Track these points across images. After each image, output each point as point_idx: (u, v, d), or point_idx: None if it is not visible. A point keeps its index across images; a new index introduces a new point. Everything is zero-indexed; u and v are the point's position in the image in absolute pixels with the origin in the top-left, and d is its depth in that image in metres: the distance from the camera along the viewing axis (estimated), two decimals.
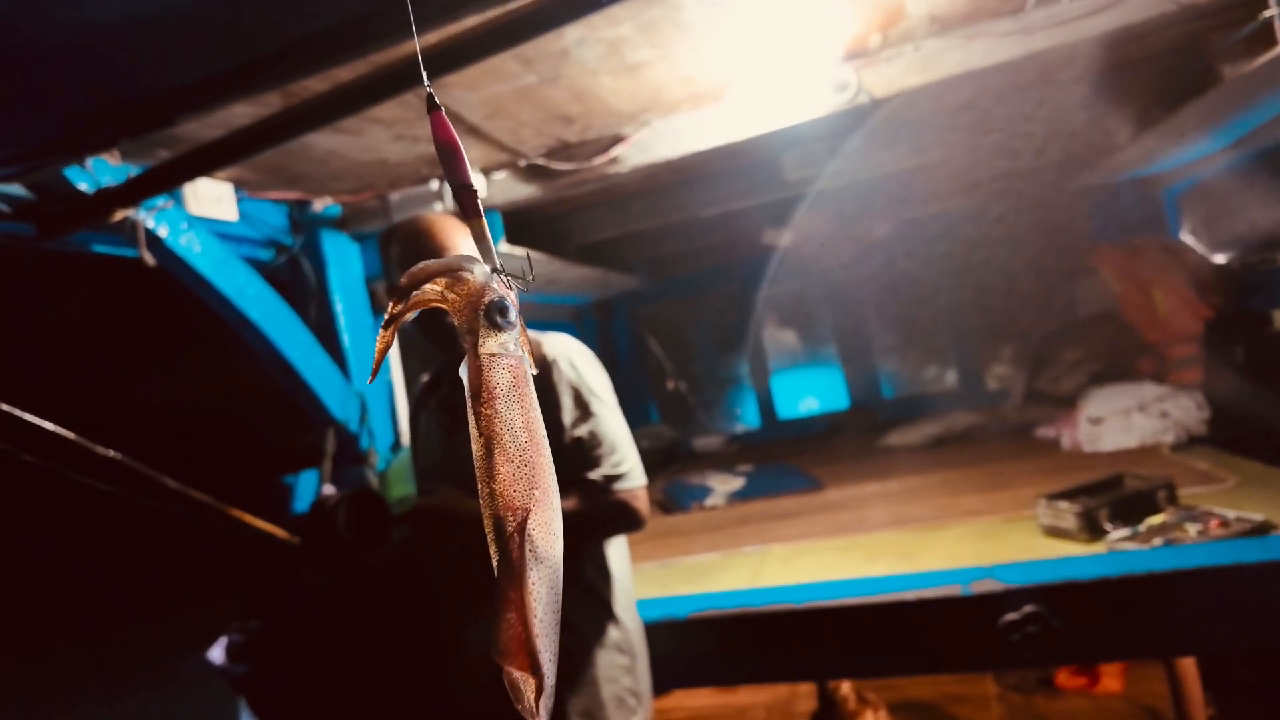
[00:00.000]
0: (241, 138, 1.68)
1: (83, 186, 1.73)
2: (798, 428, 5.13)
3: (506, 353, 0.51)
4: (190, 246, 2.05)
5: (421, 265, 0.53)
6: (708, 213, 3.27)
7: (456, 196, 0.54)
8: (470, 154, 2.22)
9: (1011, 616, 1.67)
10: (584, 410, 1.54)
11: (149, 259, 1.90)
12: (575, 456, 1.52)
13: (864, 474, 3.30)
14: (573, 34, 1.70)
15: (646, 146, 2.35)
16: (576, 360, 1.58)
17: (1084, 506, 1.98)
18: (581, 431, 1.53)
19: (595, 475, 1.52)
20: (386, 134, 2.12)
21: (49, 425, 1.50)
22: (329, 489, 2.34)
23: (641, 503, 1.56)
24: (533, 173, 2.45)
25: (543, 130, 2.26)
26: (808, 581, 2.02)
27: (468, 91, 1.94)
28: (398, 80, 1.51)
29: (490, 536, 0.49)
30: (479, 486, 0.50)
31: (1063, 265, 4.11)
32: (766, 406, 5.29)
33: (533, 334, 1.65)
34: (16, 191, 1.69)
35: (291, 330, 2.37)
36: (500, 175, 2.47)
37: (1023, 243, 4.02)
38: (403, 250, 1.55)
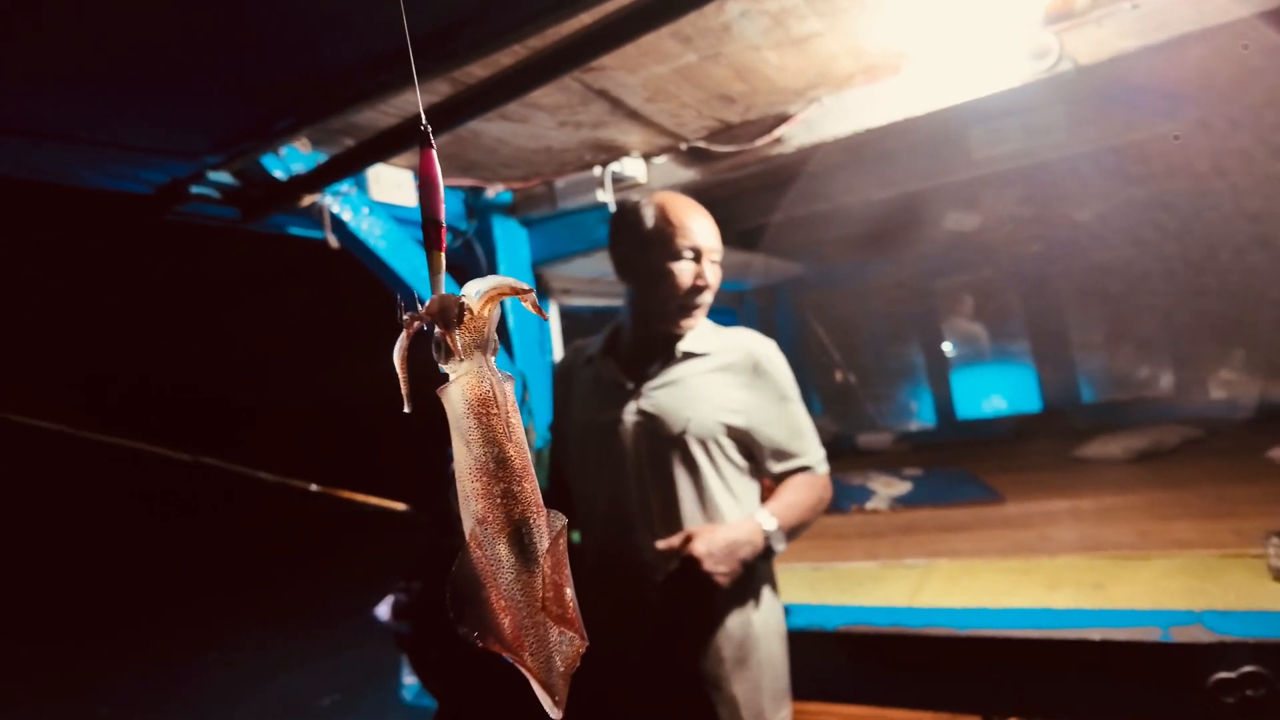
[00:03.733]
0: (413, 124, 1.76)
1: (278, 174, 1.89)
2: (979, 430, 4.73)
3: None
4: (371, 230, 2.19)
5: (493, 284, 0.54)
6: (881, 194, 3.06)
7: (424, 227, 0.55)
8: (631, 139, 2.21)
9: (1225, 675, 1.40)
10: (795, 402, 1.64)
11: (333, 241, 2.06)
12: (786, 444, 1.61)
13: (1052, 487, 2.97)
14: (734, 7, 1.62)
15: (813, 125, 2.21)
16: (780, 356, 1.67)
17: None
18: (794, 422, 1.62)
19: (803, 463, 1.61)
20: (550, 120, 2.15)
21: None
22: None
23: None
24: (693, 156, 2.39)
25: (704, 112, 2.18)
26: (976, 606, 1.83)
27: (628, 74, 1.90)
28: (556, 64, 1.52)
29: (512, 529, 0.49)
30: (506, 485, 0.49)
31: None
32: (944, 404, 4.91)
33: (729, 329, 1.71)
34: (225, 179, 1.87)
35: None
36: (660, 160, 2.43)
37: (1262, 230, 3.41)
38: (653, 225, 1.64)
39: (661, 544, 1.47)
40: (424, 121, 0.56)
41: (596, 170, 2.48)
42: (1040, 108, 2.34)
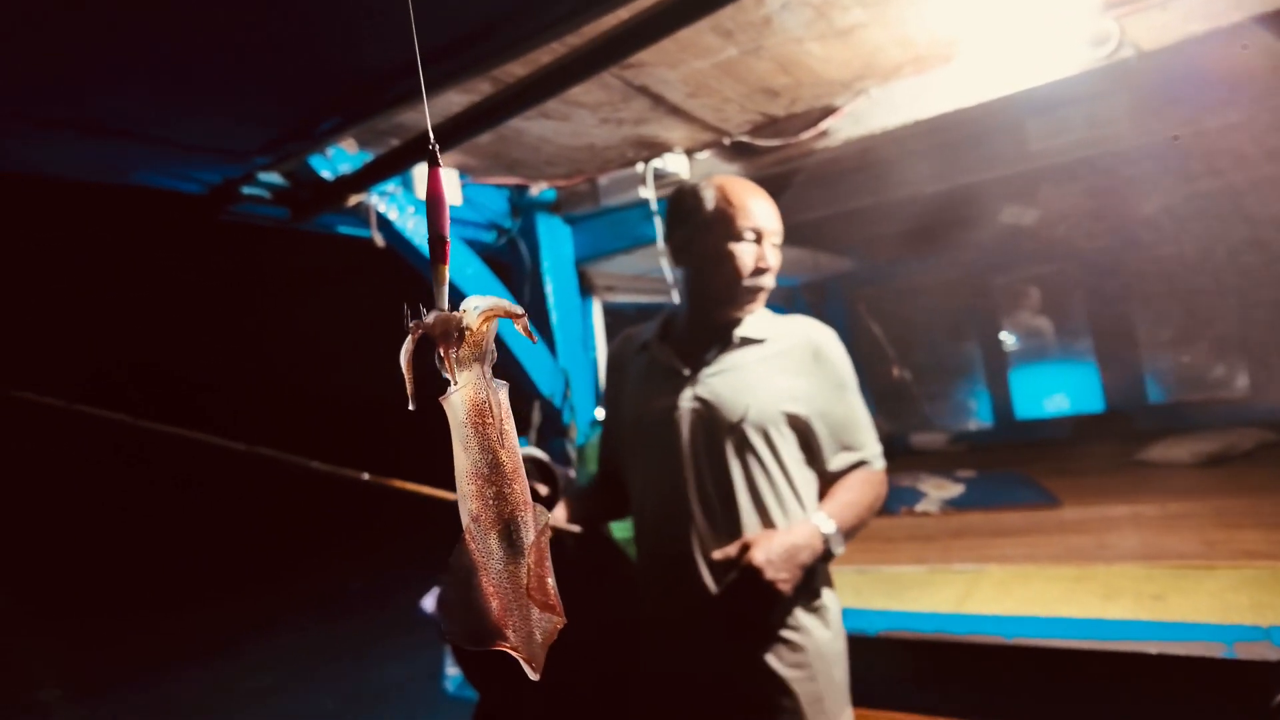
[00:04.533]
0: (455, 123, 1.78)
1: (325, 174, 1.93)
2: (1037, 430, 4.58)
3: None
4: (416, 229, 2.22)
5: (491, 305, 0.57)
6: (934, 188, 2.97)
7: (430, 242, 0.58)
8: (673, 135, 2.19)
9: None
10: (853, 392, 1.59)
11: (379, 240, 2.09)
12: (845, 436, 1.56)
13: (1112, 492, 2.85)
14: (774, 0, 1.59)
15: (861, 118, 2.16)
16: (840, 345, 1.63)
17: None
18: (852, 412, 1.58)
19: (861, 458, 1.57)
20: (592, 118, 2.14)
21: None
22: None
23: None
24: (737, 151, 2.36)
25: (747, 106, 2.15)
26: (1026, 614, 1.76)
27: (668, 70, 1.89)
28: (594, 60, 1.51)
29: (502, 526, 0.54)
30: (498, 488, 0.54)
31: None
32: (1002, 404, 4.77)
33: (787, 316, 1.67)
34: (275, 180, 1.92)
35: None
36: (703, 155, 2.41)
37: None
38: (713, 206, 1.60)
39: (718, 554, 1.43)
40: (432, 141, 0.59)
41: (639, 167, 2.47)
42: (1102, 96, 2.24)
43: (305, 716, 5.20)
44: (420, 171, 2.28)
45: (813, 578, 1.50)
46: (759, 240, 1.59)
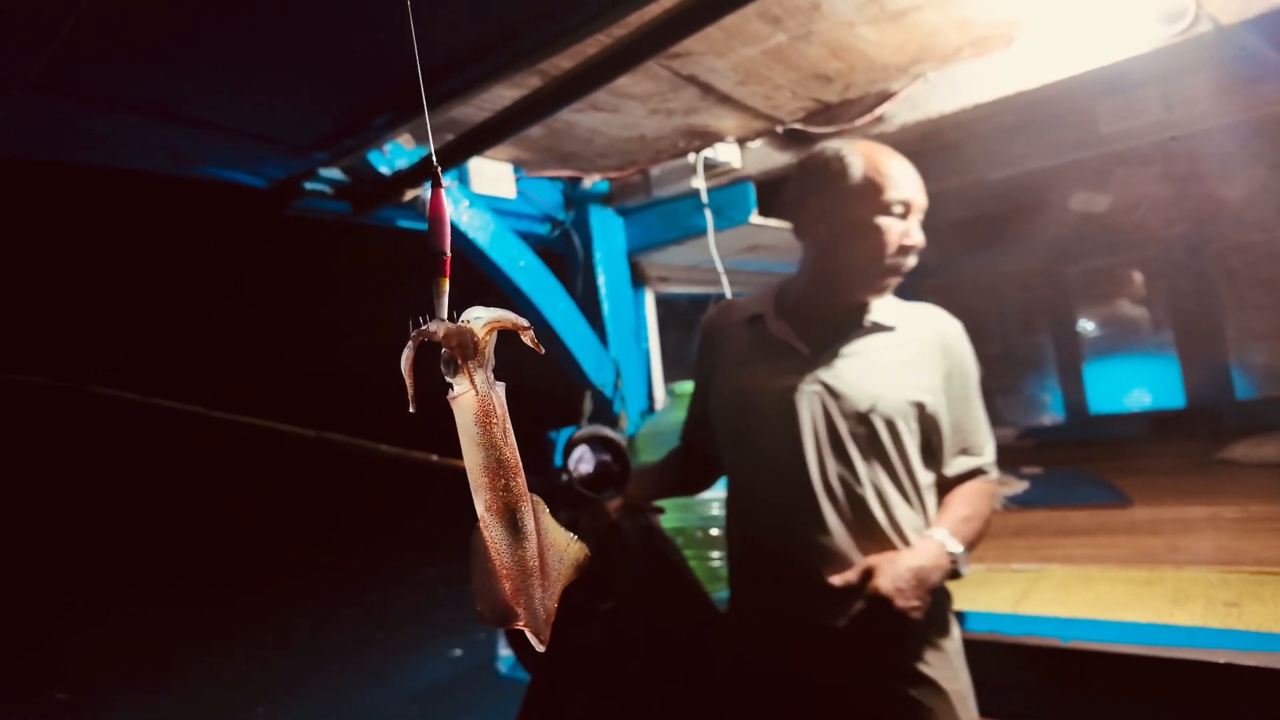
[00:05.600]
0: (504, 117, 1.81)
1: (383, 170, 1.99)
2: (1112, 427, 4.38)
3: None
4: (471, 222, 2.26)
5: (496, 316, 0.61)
6: (998, 174, 2.86)
7: (433, 257, 0.62)
8: (724, 124, 2.17)
9: None
10: (976, 391, 1.51)
11: None
12: (967, 437, 1.48)
13: (1189, 492, 2.71)
14: None
15: (918, 102, 2.10)
16: (967, 340, 1.53)
17: None
18: (974, 413, 1.50)
19: (980, 464, 1.49)
20: (642, 109, 2.14)
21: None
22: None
23: None
24: (790, 138, 2.32)
25: (799, 93, 2.12)
26: (1084, 616, 1.69)
27: (717, 58, 1.87)
28: (639, 50, 1.51)
29: (509, 515, 0.59)
30: (505, 480, 0.59)
31: None
32: (1075, 399, 4.58)
33: (913, 304, 1.56)
34: (336, 175, 1.99)
35: (557, 299, 2.53)
36: (755, 144, 2.38)
37: None
38: (861, 176, 1.45)
39: (838, 580, 1.33)
40: (435, 163, 0.66)
41: (690, 157, 2.46)
42: (1178, 75, 2.11)
43: (358, 706, 5.35)
44: (474, 165, 2.32)
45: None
46: (906, 215, 1.44)
